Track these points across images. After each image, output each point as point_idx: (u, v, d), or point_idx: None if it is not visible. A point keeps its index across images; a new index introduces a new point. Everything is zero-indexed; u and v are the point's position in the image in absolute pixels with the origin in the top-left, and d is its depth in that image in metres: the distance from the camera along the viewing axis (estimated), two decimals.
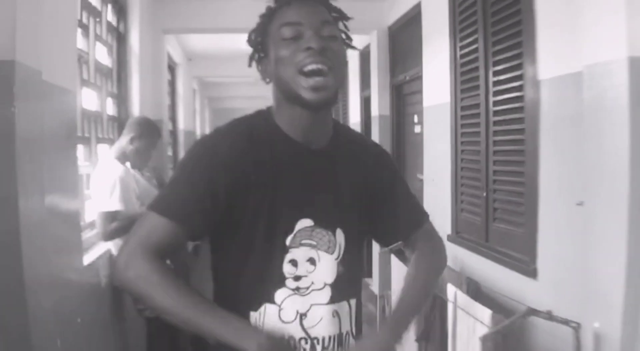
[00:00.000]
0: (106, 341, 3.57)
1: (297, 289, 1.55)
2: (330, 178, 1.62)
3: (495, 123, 3.62)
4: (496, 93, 3.59)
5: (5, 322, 2.14)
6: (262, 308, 1.53)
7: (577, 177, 2.73)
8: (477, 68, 3.82)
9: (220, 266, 1.62)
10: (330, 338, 1.59)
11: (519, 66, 3.30)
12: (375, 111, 6.47)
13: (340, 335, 1.60)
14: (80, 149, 3.69)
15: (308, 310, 1.56)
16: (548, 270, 3.07)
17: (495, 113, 3.61)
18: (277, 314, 1.54)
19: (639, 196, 2.34)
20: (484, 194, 3.74)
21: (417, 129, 5.51)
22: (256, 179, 1.50)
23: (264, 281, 1.54)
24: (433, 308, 3.32)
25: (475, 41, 3.84)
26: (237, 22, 5.76)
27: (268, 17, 1.57)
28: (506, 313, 3.01)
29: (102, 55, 4.37)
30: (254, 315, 1.53)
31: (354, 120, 7.79)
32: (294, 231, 1.54)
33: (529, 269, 3.18)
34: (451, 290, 3.17)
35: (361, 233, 1.70)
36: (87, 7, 3.83)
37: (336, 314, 1.60)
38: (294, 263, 1.54)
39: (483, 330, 2.69)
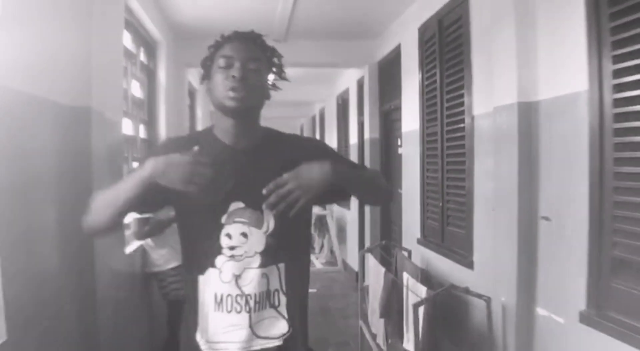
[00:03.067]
0: (138, 319, 4.45)
1: (233, 256, 1.89)
2: (257, 170, 1.92)
3: (448, 148, 4.57)
4: (448, 124, 4.55)
5: (82, 289, 3.11)
6: (207, 272, 1.90)
7: (492, 190, 3.65)
8: (435, 102, 4.78)
9: (180, 238, 2.00)
10: (259, 294, 1.91)
11: (462, 103, 4.25)
12: (367, 134, 7.42)
13: (268, 291, 1.93)
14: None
15: (242, 272, 1.89)
16: (480, 262, 3.98)
17: (447, 139, 4.57)
18: (217, 276, 1.89)
19: (527, 207, 3.26)
20: (440, 204, 4.68)
21: (400, 150, 6.39)
22: None
23: (206, 251, 1.89)
24: (392, 291, 4.23)
25: (435, 81, 4.80)
26: None
27: (215, 48, 1.95)
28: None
29: (136, 89, 5.33)
30: (201, 278, 1.91)
31: (353, 141, 8.78)
32: (228, 211, 1.89)
33: (468, 262, 4.09)
34: (405, 277, 4.09)
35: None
36: (126, 52, 4.79)
37: (265, 275, 1.92)
38: (229, 236, 1.89)
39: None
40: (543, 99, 3.18)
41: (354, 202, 8.35)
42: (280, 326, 1.95)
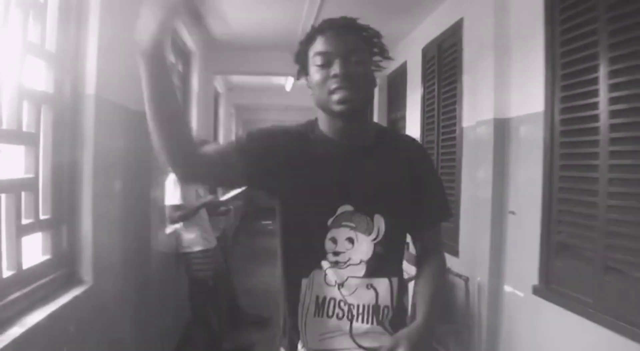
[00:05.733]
0: (168, 294, 5.05)
1: (336, 263, 1.73)
2: (370, 171, 1.75)
3: (442, 153, 5.32)
4: (443, 133, 5.31)
5: (140, 261, 3.84)
6: (311, 274, 1.74)
7: (469, 190, 4.40)
8: (434, 114, 5.55)
9: (280, 238, 1.81)
10: (364, 306, 1.74)
11: (454, 116, 5.00)
12: None
13: (376, 306, 1.75)
14: None
15: (345, 281, 1.73)
16: (463, 250, 4.71)
17: (442, 146, 5.32)
18: (322, 277, 1.74)
19: (499, 203, 3.99)
20: None
21: None
22: (298, 163, 1.72)
23: (309, 254, 1.74)
24: None
25: (433, 95, 5.57)
26: (268, 67, 7.65)
27: (306, 43, 1.75)
28: None
29: None
30: (305, 281, 1.75)
31: None
32: (335, 214, 1.71)
33: (454, 251, 4.81)
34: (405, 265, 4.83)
35: (402, 219, 1.80)
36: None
37: (371, 287, 1.74)
38: (333, 240, 1.72)
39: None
40: (514, 117, 3.92)
41: None
42: (386, 342, 1.74)
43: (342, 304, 1.74)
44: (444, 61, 5.34)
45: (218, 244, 5.33)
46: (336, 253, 1.73)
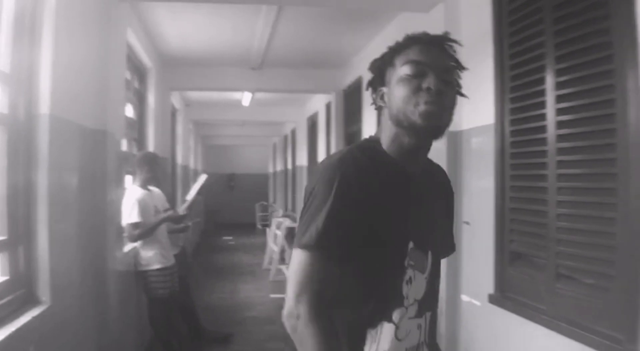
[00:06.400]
0: (128, 313, 4.96)
1: (406, 308, 1.58)
2: (425, 203, 1.65)
3: None
4: None
5: (98, 280, 3.82)
6: (379, 326, 1.55)
7: None
8: None
9: (345, 286, 1.53)
10: (412, 348, 1.62)
11: None
12: None
13: (419, 344, 1.65)
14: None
15: (401, 323, 1.58)
16: None
17: None
18: (393, 332, 1.55)
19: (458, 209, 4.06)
20: None
21: None
22: (377, 203, 1.52)
23: (387, 302, 1.55)
24: None
25: None
26: (224, 83, 7.72)
27: (397, 50, 1.60)
28: None
29: (130, 111, 6.07)
30: (371, 332, 1.55)
31: (321, 160, 9.49)
32: (407, 252, 1.57)
33: None
34: None
35: (442, 254, 1.78)
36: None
37: (420, 327, 1.64)
38: (407, 282, 1.57)
39: None
40: (465, 129, 4.02)
41: None
42: None
43: None
44: None
45: (177, 260, 5.29)
46: (407, 296, 1.58)
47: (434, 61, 1.54)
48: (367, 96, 6.57)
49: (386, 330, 1.54)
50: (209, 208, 18.64)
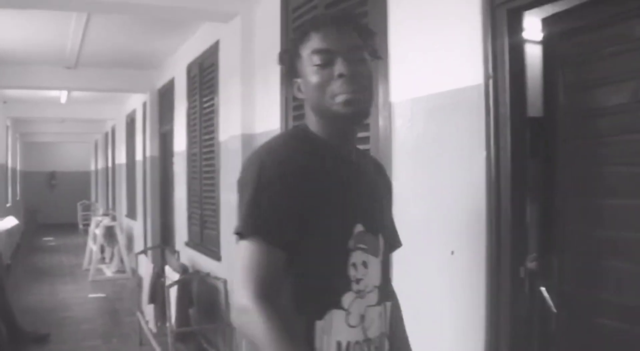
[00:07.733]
0: None
1: (359, 292, 1.50)
2: (368, 185, 1.61)
3: (204, 165, 5.68)
4: (204, 146, 5.68)
5: None
6: (327, 316, 1.45)
7: (227, 198, 4.79)
8: (196, 129, 5.91)
9: (294, 274, 1.44)
10: (378, 339, 1.55)
11: (213, 130, 5.37)
12: (148, 152, 8.39)
13: (381, 335, 1.57)
14: None
15: (365, 312, 1.51)
16: (225, 255, 5.08)
17: (204, 159, 5.68)
18: (344, 319, 1.47)
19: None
20: (200, 212, 5.76)
21: (175, 168, 7.34)
22: (311, 185, 1.45)
23: (332, 287, 1.47)
24: (156, 282, 5.26)
25: (196, 111, 5.94)
26: (40, 81, 7.65)
27: (299, 40, 1.53)
28: None
29: None
30: (319, 324, 1.45)
31: (138, 158, 9.67)
32: (352, 235, 1.50)
33: (217, 256, 5.17)
34: (168, 270, 5.14)
35: (390, 238, 1.69)
36: None
37: (381, 316, 1.57)
38: (354, 266, 1.49)
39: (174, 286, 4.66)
40: (258, 133, 4.37)
41: (140, 213, 9.22)
42: None
43: (365, 346, 1.51)
44: (205, 79, 5.70)
45: None
46: (358, 281, 1.49)
47: (339, 44, 1.48)
48: (179, 97, 6.88)
49: (336, 318, 1.46)
50: (28, 208, 17.89)
